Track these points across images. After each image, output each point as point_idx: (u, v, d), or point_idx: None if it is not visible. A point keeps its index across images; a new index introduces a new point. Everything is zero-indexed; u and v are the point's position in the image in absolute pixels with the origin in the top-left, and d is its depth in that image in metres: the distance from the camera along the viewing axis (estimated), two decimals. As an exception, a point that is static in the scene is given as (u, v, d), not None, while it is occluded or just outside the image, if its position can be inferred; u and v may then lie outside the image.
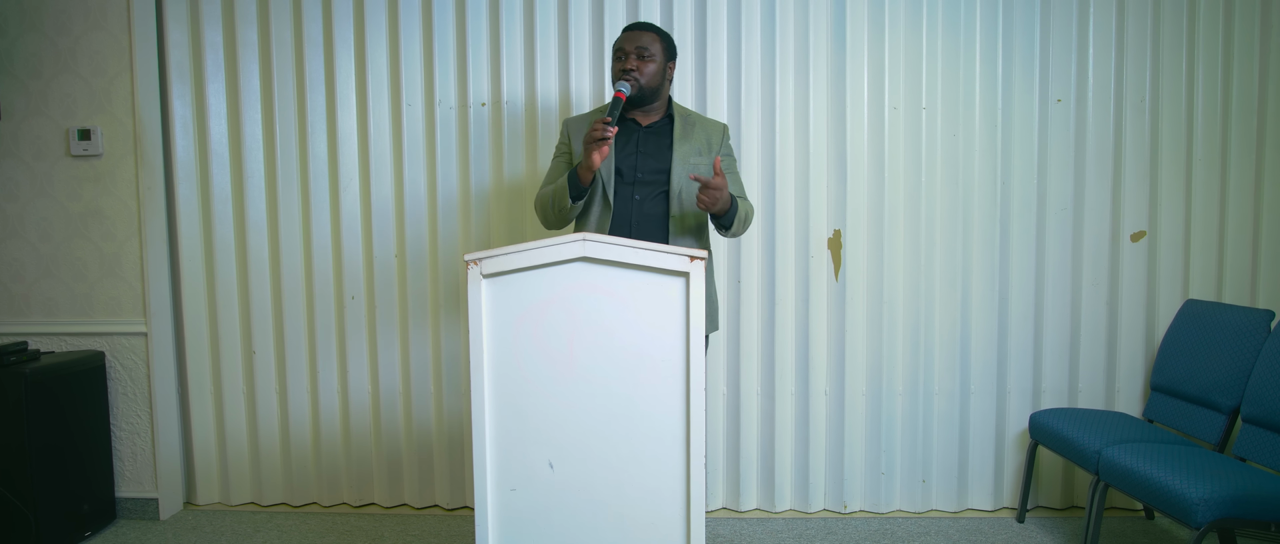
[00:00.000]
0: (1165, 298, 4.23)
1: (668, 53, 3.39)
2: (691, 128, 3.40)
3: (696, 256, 2.56)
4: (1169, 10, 4.16)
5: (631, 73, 3.27)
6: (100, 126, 4.20)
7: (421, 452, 4.45)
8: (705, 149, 3.37)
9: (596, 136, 3.07)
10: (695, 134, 3.39)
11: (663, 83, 3.37)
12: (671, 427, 2.62)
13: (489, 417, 2.65)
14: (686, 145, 3.34)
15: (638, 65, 3.28)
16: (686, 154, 3.33)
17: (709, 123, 3.46)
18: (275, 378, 4.46)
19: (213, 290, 4.42)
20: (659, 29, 3.38)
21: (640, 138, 3.37)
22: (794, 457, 4.37)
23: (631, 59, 3.29)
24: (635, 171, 3.31)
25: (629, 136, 3.38)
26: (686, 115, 3.45)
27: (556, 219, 3.37)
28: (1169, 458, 3.27)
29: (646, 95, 3.32)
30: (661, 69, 3.34)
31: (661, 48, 3.35)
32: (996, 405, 4.33)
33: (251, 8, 4.29)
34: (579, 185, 3.21)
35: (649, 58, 3.29)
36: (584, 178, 3.18)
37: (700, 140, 3.38)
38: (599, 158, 3.09)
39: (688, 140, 3.36)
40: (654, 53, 3.31)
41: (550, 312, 2.63)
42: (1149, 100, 4.18)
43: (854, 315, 4.28)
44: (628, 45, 3.32)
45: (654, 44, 3.32)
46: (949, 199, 4.24)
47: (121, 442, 4.36)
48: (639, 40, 3.32)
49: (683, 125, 3.39)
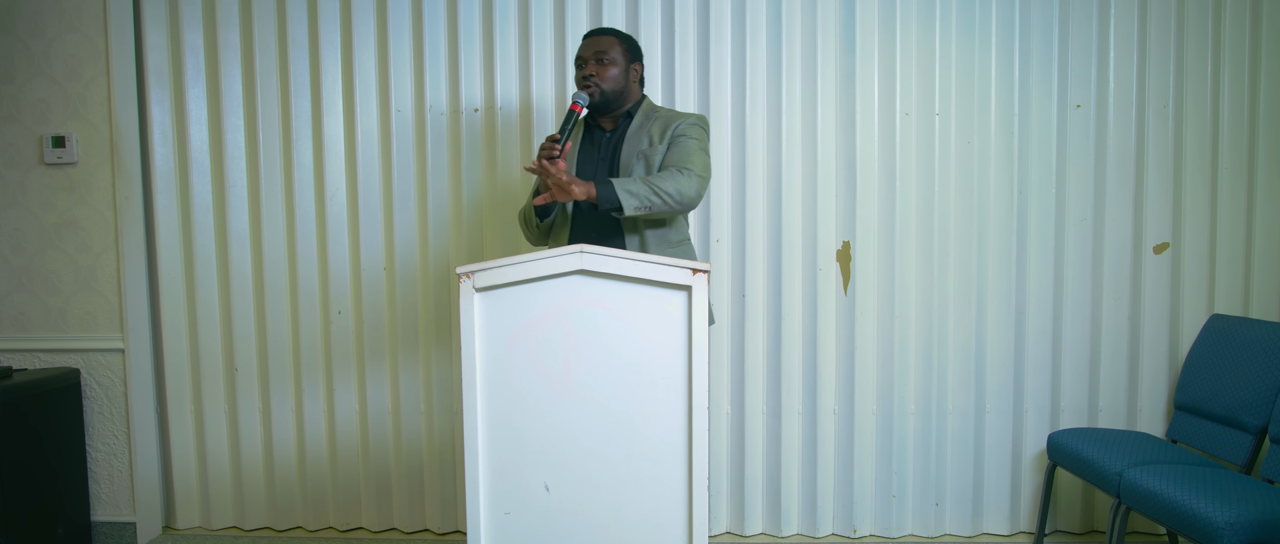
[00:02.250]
0: (1189, 312, 4.24)
1: (630, 55, 3.41)
2: (649, 121, 3.40)
3: (699, 270, 2.57)
4: (1193, 11, 4.17)
5: (591, 78, 3.29)
6: (75, 133, 4.22)
7: (411, 473, 4.46)
8: (656, 139, 3.34)
9: (544, 156, 3.08)
10: (649, 127, 3.38)
11: (627, 85, 3.39)
12: (673, 447, 2.63)
13: (482, 437, 2.67)
14: (636, 140, 3.35)
15: (597, 71, 3.31)
16: (633, 151, 3.33)
17: (673, 115, 3.42)
18: (258, 396, 4.47)
19: (193, 305, 4.43)
20: (619, 32, 3.42)
21: (603, 144, 3.41)
22: (801, 479, 4.38)
23: (591, 65, 3.32)
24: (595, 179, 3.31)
25: (594, 144, 3.43)
26: (651, 111, 3.45)
27: (533, 236, 3.46)
28: (1193, 480, 3.28)
29: (612, 100, 3.36)
30: (624, 71, 3.37)
31: (623, 50, 3.37)
32: (1013, 425, 4.34)
33: (233, 9, 4.32)
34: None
35: (609, 62, 3.33)
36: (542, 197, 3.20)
37: (654, 131, 3.36)
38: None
39: (638, 135, 3.36)
40: (614, 56, 3.34)
41: (546, 327, 2.64)
42: (1172, 105, 4.20)
43: (864, 330, 4.30)
44: (586, 52, 3.35)
45: (614, 47, 3.35)
46: (963, 209, 4.26)
47: (97, 463, 4.37)
48: (598, 45, 3.35)
49: (640, 121, 3.40)
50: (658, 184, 3.11)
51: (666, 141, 3.32)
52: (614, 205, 3.07)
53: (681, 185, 3.15)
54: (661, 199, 3.11)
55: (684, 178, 3.17)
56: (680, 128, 3.34)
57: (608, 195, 3.07)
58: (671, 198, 3.12)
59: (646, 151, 3.32)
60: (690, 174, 3.19)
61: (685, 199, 3.16)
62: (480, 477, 2.66)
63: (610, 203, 3.07)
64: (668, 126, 3.35)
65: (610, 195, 3.06)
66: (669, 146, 3.30)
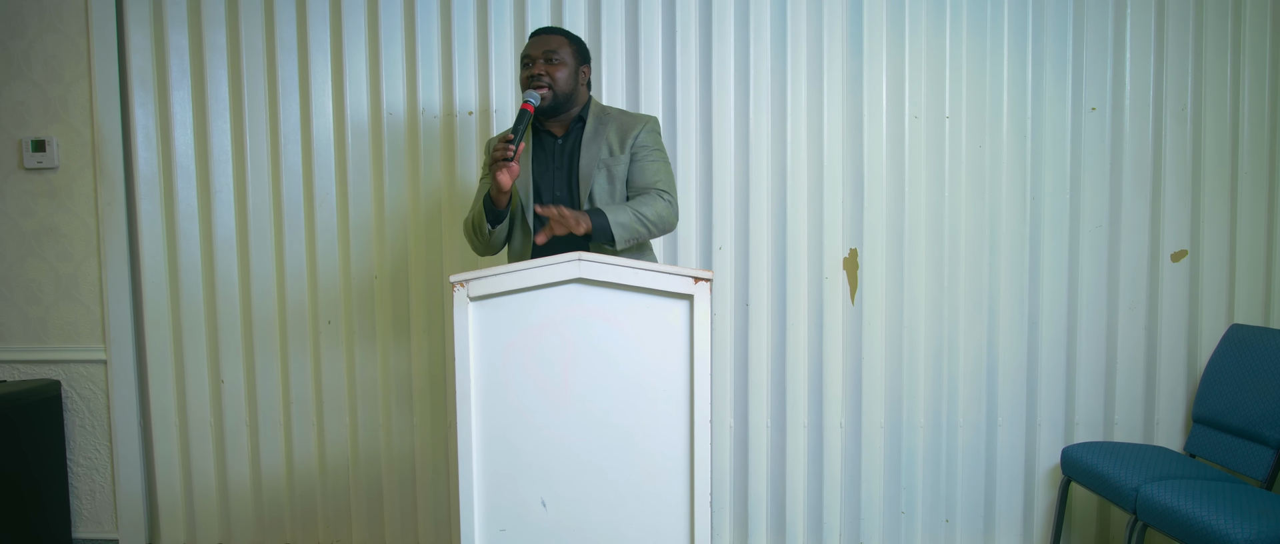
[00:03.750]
0: (1208, 322, 4.24)
1: (579, 56, 3.40)
2: (602, 127, 3.39)
3: (702, 278, 2.58)
4: (1213, 10, 4.18)
5: (542, 78, 3.27)
6: (56, 137, 4.23)
7: (403, 489, 4.46)
8: (616, 148, 3.35)
9: (498, 157, 3.08)
10: (605, 133, 3.37)
11: (576, 88, 3.38)
12: (674, 461, 2.64)
13: (476, 451, 2.67)
14: (593, 148, 3.34)
15: (546, 70, 3.28)
16: (592, 159, 3.32)
17: (627, 118, 3.43)
18: (246, 409, 4.47)
19: (178, 314, 4.42)
20: (568, 32, 3.42)
21: (556, 150, 3.40)
22: (806, 494, 4.38)
23: (539, 64, 3.30)
24: (553, 188, 3.34)
25: (546, 150, 3.41)
26: (603, 114, 3.44)
27: (482, 246, 3.39)
28: (1213, 496, 3.29)
29: (560, 103, 3.33)
30: (573, 73, 3.35)
31: (573, 51, 3.37)
32: (1026, 438, 4.34)
33: (219, 9, 4.32)
34: (495, 209, 3.22)
35: (559, 62, 3.31)
36: (499, 202, 3.20)
37: (613, 138, 3.36)
38: (508, 178, 3.10)
39: (595, 142, 3.35)
40: (564, 57, 3.32)
41: (543, 337, 2.65)
42: (1191, 108, 4.21)
43: (872, 341, 4.30)
44: (534, 51, 3.33)
45: (563, 48, 3.34)
46: (974, 215, 4.27)
47: (79, 478, 4.38)
48: (546, 44, 3.33)
49: (594, 126, 3.38)
50: (643, 213, 3.18)
51: (628, 152, 3.33)
52: (607, 238, 3.10)
53: (662, 212, 3.24)
54: (647, 228, 3.19)
55: (663, 203, 3.25)
56: (641, 138, 3.36)
57: (601, 226, 3.10)
58: (654, 225, 3.22)
59: (608, 161, 3.32)
60: (668, 199, 3.28)
61: (666, 226, 3.28)
62: (475, 492, 2.67)
63: (604, 235, 3.10)
64: (626, 134, 3.36)
65: (604, 226, 3.10)
66: (633, 159, 3.31)
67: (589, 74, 3.47)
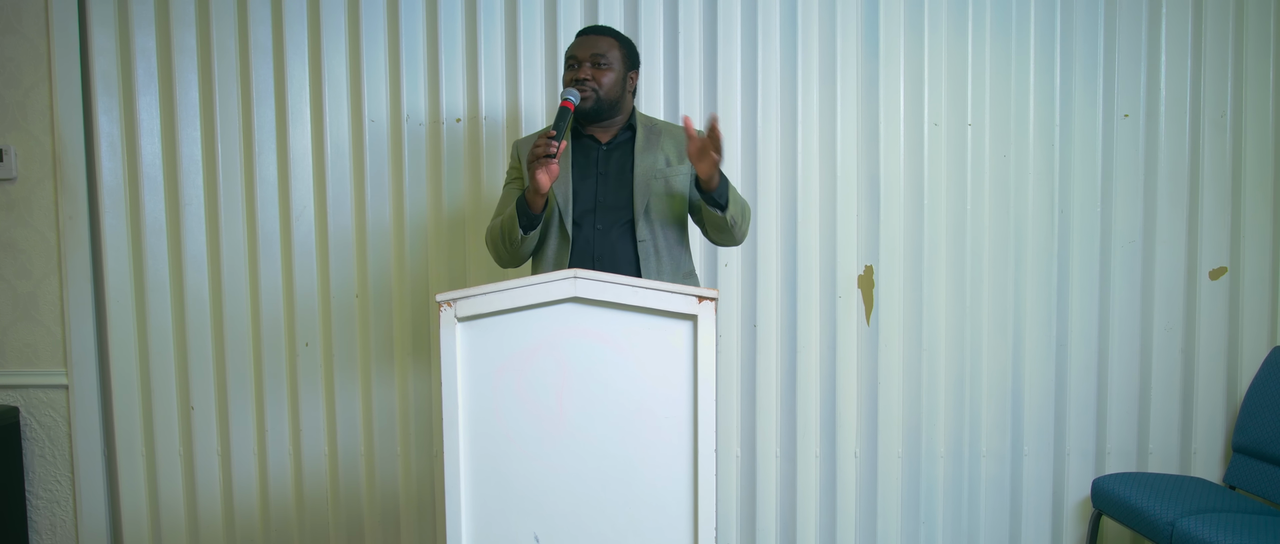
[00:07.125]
0: (1249, 345, 4.25)
1: (629, 61, 3.42)
2: (656, 137, 3.42)
3: (706, 297, 2.59)
4: (1254, 11, 4.20)
5: (587, 83, 3.28)
6: (14, 146, 4.25)
7: (386, 522, 4.46)
8: (673, 159, 3.39)
9: (540, 154, 3.07)
10: (661, 143, 3.41)
11: (623, 94, 3.40)
12: (677, 494, 2.65)
13: (464, 482, 2.68)
14: (649, 157, 3.37)
15: (593, 74, 3.30)
16: (649, 169, 3.35)
17: (675, 129, 3.48)
18: (217, 437, 4.47)
19: (144, 336, 4.42)
20: (618, 33, 3.43)
21: (600, 157, 3.41)
22: (818, 529, 4.39)
23: (585, 68, 3.31)
24: (595, 196, 3.35)
25: (588, 157, 3.41)
26: (651, 125, 3.47)
27: (510, 256, 3.39)
28: (1254, 530, 3.30)
29: (604, 109, 3.34)
30: (621, 79, 3.37)
31: (621, 54, 3.38)
32: (1054, 469, 4.35)
33: (189, 9, 4.32)
34: (530, 214, 3.21)
35: (606, 67, 3.32)
36: (534, 204, 3.18)
37: (669, 149, 3.40)
38: (547, 179, 3.09)
39: (651, 152, 3.38)
40: (612, 61, 3.34)
41: (536, 360, 2.66)
42: (1230, 115, 4.22)
43: (888, 365, 4.31)
44: (581, 52, 3.34)
45: (612, 50, 3.35)
46: (999, 230, 4.28)
47: (38, 512, 4.38)
48: (595, 46, 3.34)
49: (646, 136, 3.41)
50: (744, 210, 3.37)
51: (687, 164, 3.38)
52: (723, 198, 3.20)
53: (746, 224, 3.41)
54: (740, 225, 3.34)
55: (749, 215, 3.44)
56: None
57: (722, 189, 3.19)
58: (740, 229, 3.36)
59: (665, 172, 3.36)
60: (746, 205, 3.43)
61: (741, 234, 3.41)
62: (463, 526, 2.68)
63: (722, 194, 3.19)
64: (679, 146, 3.42)
65: (724, 189, 3.20)
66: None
67: (636, 81, 3.49)
